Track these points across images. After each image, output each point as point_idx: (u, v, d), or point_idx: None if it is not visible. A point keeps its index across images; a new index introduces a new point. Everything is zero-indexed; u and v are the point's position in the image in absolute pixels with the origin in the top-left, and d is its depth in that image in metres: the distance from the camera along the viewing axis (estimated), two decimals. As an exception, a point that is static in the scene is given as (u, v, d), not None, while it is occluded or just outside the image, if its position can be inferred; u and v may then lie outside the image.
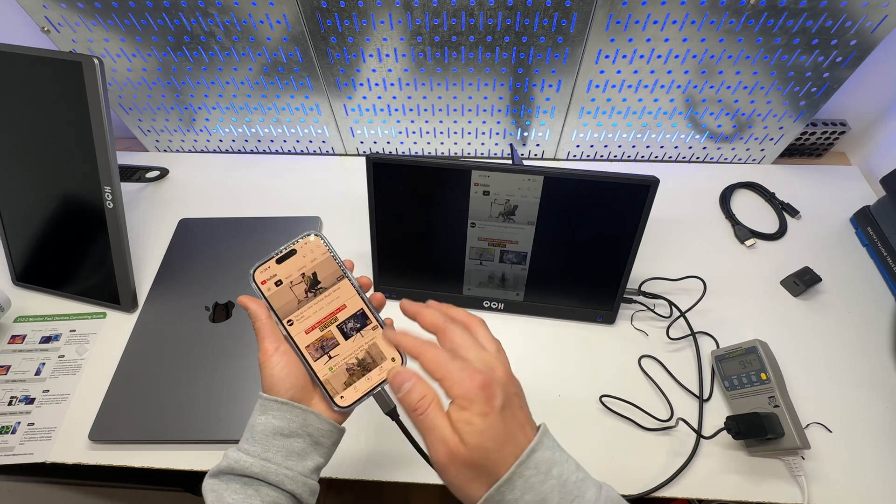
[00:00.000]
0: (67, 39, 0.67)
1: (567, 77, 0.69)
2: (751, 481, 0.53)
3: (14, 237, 0.69)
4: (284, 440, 0.36)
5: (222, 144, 0.85)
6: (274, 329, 0.39)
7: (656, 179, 0.54)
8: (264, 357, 0.37)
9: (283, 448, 0.35)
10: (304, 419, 0.36)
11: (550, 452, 0.31)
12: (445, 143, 0.82)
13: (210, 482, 0.35)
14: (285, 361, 0.37)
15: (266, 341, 0.38)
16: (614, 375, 0.60)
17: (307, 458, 0.36)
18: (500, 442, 0.29)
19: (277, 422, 0.36)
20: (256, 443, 0.35)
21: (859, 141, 0.81)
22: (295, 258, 0.39)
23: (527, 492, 0.29)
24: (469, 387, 0.30)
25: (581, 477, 0.31)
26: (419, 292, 0.66)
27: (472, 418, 0.29)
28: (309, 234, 0.40)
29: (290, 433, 0.36)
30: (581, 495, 0.30)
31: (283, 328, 0.38)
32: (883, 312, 0.64)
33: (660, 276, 0.66)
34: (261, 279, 0.38)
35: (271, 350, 0.37)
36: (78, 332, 0.66)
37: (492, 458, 0.29)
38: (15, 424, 0.59)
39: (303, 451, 0.36)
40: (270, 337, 0.38)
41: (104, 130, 0.59)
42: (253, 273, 0.38)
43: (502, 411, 0.30)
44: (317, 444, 0.37)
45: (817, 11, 0.58)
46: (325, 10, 0.61)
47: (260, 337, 0.38)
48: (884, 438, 0.55)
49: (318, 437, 0.37)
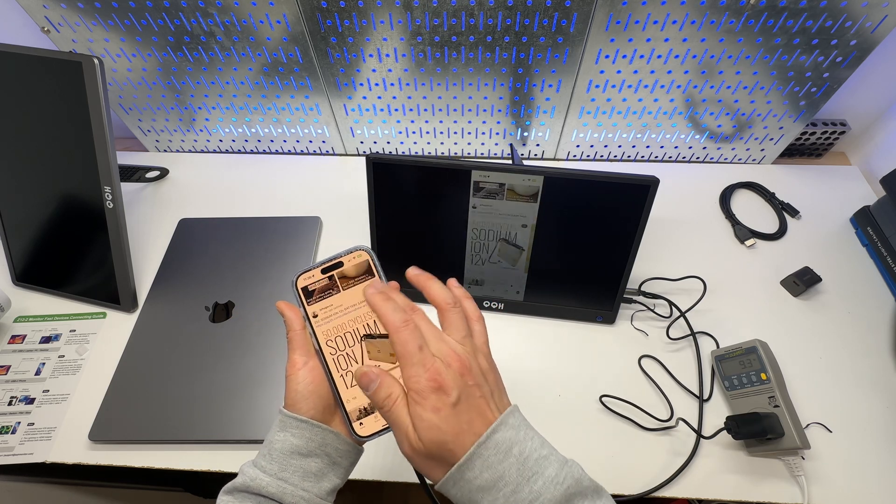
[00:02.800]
0: (67, 39, 0.67)
1: (567, 77, 0.69)
2: (751, 481, 0.53)
3: (14, 237, 0.69)
4: (302, 459, 0.35)
5: (222, 144, 0.86)
6: (306, 341, 0.37)
7: (656, 179, 0.54)
8: (292, 370, 0.37)
9: (301, 468, 0.35)
10: (322, 438, 0.36)
11: (514, 432, 0.31)
12: (445, 143, 0.82)
13: (224, 499, 0.35)
14: (311, 378, 0.36)
15: (296, 353, 0.37)
16: (614, 375, 0.60)
17: (324, 479, 0.36)
18: (455, 434, 0.30)
19: (296, 440, 0.35)
20: (274, 461, 0.35)
21: (859, 141, 0.80)
22: (340, 271, 0.38)
23: (485, 470, 0.29)
24: (423, 384, 0.30)
25: (544, 454, 0.31)
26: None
27: (424, 413, 0.30)
28: (359, 248, 0.38)
29: (309, 453, 0.35)
30: (541, 472, 0.30)
31: (316, 341, 0.37)
32: (883, 312, 0.64)
33: (660, 276, 0.66)
34: (302, 287, 0.37)
35: (300, 364, 0.37)
36: (78, 332, 0.66)
37: (448, 448, 0.30)
38: (15, 424, 0.59)
39: (320, 472, 0.35)
40: (301, 349, 0.37)
41: (104, 130, 0.59)
42: (296, 280, 0.37)
43: (456, 406, 0.30)
44: (334, 464, 0.36)
45: (817, 11, 0.58)
46: (325, 10, 0.61)
47: (291, 348, 0.37)
48: (884, 438, 0.55)
49: (335, 458, 0.36)
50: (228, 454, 0.55)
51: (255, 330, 0.63)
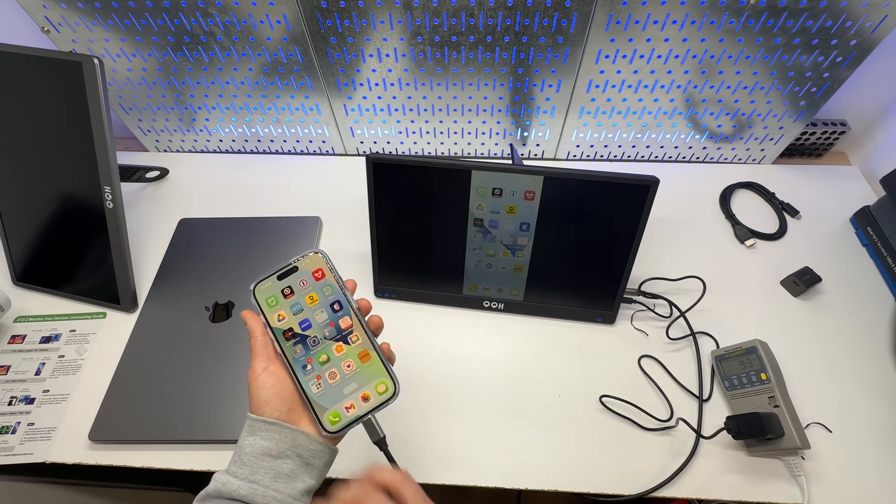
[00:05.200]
0: (67, 39, 0.67)
1: (567, 77, 0.69)
2: (751, 481, 0.53)
3: (14, 237, 0.69)
4: (273, 461, 0.35)
5: (222, 144, 0.85)
6: (266, 347, 0.38)
7: (656, 179, 0.54)
8: (252, 376, 0.37)
9: (272, 469, 0.35)
10: (293, 439, 0.36)
11: None
12: (445, 143, 0.82)
13: None
14: (273, 382, 0.37)
15: (256, 360, 0.38)
16: (614, 375, 0.60)
17: (297, 479, 0.35)
18: None
19: (266, 442, 0.35)
20: (244, 465, 0.35)
21: (859, 141, 0.80)
22: (296, 275, 0.39)
23: None
24: None
25: None
26: (419, 292, 0.66)
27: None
28: (311, 251, 0.40)
29: (279, 454, 0.35)
30: None
31: (278, 345, 0.38)
32: (883, 312, 0.64)
33: (660, 276, 0.66)
34: (260, 294, 0.39)
35: (259, 370, 0.37)
36: (78, 332, 0.66)
37: None
38: (15, 424, 0.59)
39: (292, 473, 0.35)
40: (261, 356, 0.38)
41: (104, 130, 0.59)
42: (253, 288, 0.39)
43: None
44: (307, 464, 0.36)
45: (817, 11, 0.58)
46: (325, 10, 0.61)
47: (252, 355, 0.38)
48: (884, 438, 0.55)
49: (308, 458, 0.36)
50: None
51: (255, 330, 0.63)
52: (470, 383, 0.60)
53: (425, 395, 0.59)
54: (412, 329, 0.64)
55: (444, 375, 0.61)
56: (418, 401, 0.58)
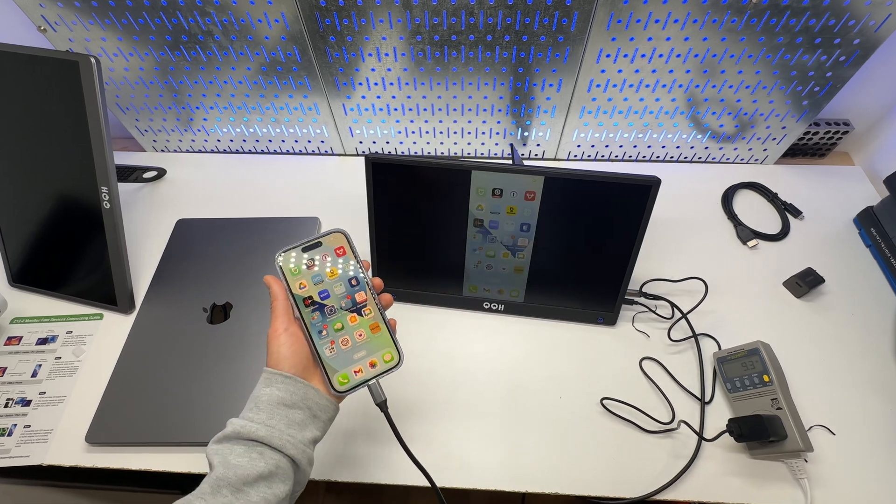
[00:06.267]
0: (64, 38, 0.67)
1: (568, 76, 0.68)
2: (753, 484, 0.52)
3: (10, 238, 0.69)
4: (287, 410, 0.39)
5: (220, 144, 0.85)
6: (288, 310, 0.42)
7: (658, 180, 0.53)
8: (273, 334, 0.41)
9: (286, 417, 0.38)
10: (305, 392, 0.40)
11: None
12: (445, 143, 0.82)
13: (214, 447, 0.37)
14: (291, 342, 0.41)
15: (278, 320, 0.42)
16: (615, 377, 0.60)
17: (306, 428, 0.39)
18: None
19: (281, 393, 0.39)
20: (261, 411, 0.38)
21: (863, 141, 0.80)
22: (319, 249, 0.43)
23: None
24: None
25: None
26: (418, 293, 0.66)
27: None
28: (335, 229, 0.44)
29: (293, 404, 0.39)
30: None
31: (297, 310, 0.42)
32: (887, 314, 0.63)
33: (661, 277, 0.66)
34: (284, 263, 0.42)
35: (280, 329, 0.41)
36: (75, 334, 0.65)
37: None
38: (11, 426, 0.58)
39: (303, 422, 0.39)
40: (283, 317, 0.42)
41: (101, 130, 0.58)
42: (278, 256, 0.42)
43: None
44: (315, 417, 0.40)
45: (820, 10, 0.58)
46: (324, 9, 0.61)
47: (274, 315, 0.42)
48: (888, 441, 0.54)
49: (316, 411, 0.40)
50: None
51: (254, 331, 0.63)
52: (470, 385, 0.60)
53: (425, 397, 0.59)
54: (412, 331, 0.64)
55: (445, 377, 0.60)
56: (418, 402, 0.58)
